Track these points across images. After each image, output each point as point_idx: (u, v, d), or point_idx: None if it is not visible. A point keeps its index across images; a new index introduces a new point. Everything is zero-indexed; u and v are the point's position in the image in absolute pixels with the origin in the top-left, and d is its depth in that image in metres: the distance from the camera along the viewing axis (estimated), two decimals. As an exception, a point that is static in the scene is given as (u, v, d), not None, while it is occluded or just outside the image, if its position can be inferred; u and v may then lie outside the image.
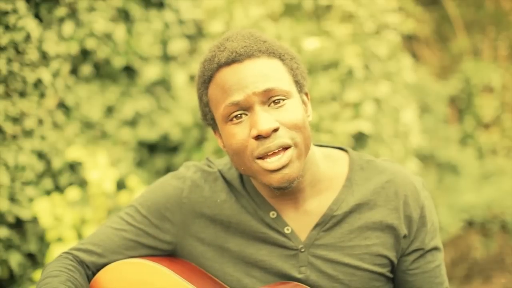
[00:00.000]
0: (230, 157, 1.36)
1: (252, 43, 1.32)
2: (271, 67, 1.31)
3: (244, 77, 1.28)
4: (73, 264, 1.44)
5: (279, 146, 1.28)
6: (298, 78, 1.36)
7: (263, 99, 1.28)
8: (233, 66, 1.30)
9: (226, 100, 1.29)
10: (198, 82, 1.38)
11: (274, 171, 1.29)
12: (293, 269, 1.40)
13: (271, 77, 1.29)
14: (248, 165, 1.32)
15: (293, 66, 1.36)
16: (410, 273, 1.43)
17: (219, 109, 1.32)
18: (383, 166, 1.44)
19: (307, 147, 1.33)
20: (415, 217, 1.40)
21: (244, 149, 1.30)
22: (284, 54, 1.35)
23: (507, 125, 5.08)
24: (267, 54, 1.32)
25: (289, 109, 1.30)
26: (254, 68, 1.29)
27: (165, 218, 1.46)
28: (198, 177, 1.47)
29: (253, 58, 1.30)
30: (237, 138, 1.30)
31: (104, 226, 1.50)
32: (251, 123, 1.29)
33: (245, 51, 1.30)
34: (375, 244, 1.40)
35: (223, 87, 1.30)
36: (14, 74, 2.53)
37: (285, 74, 1.33)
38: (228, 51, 1.30)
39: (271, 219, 1.41)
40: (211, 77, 1.33)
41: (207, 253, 1.44)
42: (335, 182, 1.43)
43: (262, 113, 1.28)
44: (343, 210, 1.40)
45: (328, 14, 3.12)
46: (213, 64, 1.32)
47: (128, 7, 3.07)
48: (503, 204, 4.32)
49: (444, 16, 5.59)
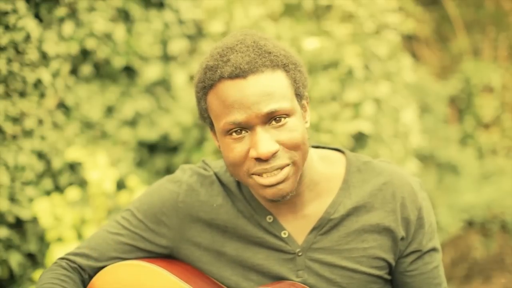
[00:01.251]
0: (226, 165, 1.35)
1: (256, 56, 1.28)
2: (275, 83, 1.28)
3: (247, 96, 1.25)
4: (66, 274, 1.44)
5: (276, 168, 1.27)
6: (300, 90, 1.34)
7: (264, 120, 1.27)
8: (236, 82, 1.26)
9: (227, 117, 1.27)
10: (197, 86, 1.34)
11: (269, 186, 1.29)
12: (290, 273, 1.39)
13: (274, 96, 1.26)
14: (243, 178, 1.32)
15: (296, 76, 1.33)
16: (408, 275, 1.43)
17: (219, 122, 1.30)
18: (380, 168, 1.43)
19: (304, 160, 1.33)
20: (413, 219, 1.40)
21: (241, 165, 1.29)
22: (288, 64, 1.31)
23: (507, 125, 5.08)
24: (271, 68, 1.28)
25: (290, 128, 1.28)
26: (258, 86, 1.26)
27: (161, 222, 1.45)
28: (194, 181, 1.46)
29: (257, 74, 1.27)
30: (235, 154, 1.29)
31: (101, 230, 1.50)
32: (251, 142, 1.28)
33: (249, 67, 1.26)
34: (372, 247, 1.39)
35: (225, 102, 1.27)
36: (14, 74, 2.53)
37: (288, 88, 1.30)
38: (232, 65, 1.26)
39: (267, 223, 1.41)
40: (212, 85, 1.30)
41: (204, 257, 1.44)
42: (332, 185, 1.42)
43: (263, 135, 1.26)
44: (340, 213, 1.39)
45: (328, 14, 3.12)
46: (216, 75, 1.28)
47: (128, 7, 3.07)
48: (503, 204, 4.31)
49: (444, 16, 5.59)
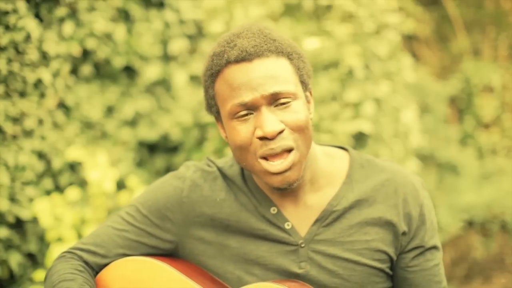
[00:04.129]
0: (233, 151, 1.38)
1: (262, 42, 1.33)
2: (279, 67, 1.33)
3: (253, 78, 1.30)
4: (82, 265, 1.47)
5: (283, 149, 1.31)
6: (304, 78, 1.39)
7: (270, 101, 1.31)
8: (242, 65, 1.31)
9: (234, 100, 1.31)
10: (205, 74, 1.39)
11: (276, 173, 1.32)
12: (293, 265, 1.41)
13: (279, 79, 1.31)
14: (250, 162, 1.35)
15: (300, 65, 1.38)
16: (409, 270, 1.45)
17: (225, 106, 1.34)
18: (383, 165, 1.48)
19: (308, 147, 1.36)
20: (415, 214, 1.43)
21: (247, 147, 1.33)
22: (292, 53, 1.37)
23: (507, 125, 5.08)
24: (276, 54, 1.34)
25: (294, 110, 1.33)
26: (263, 69, 1.31)
27: (165, 217, 1.48)
28: (197, 177, 1.49)
29: (262, 58, 1.32)
30: (242, 135, 1.33)
31: (105, 226, 1.51)
32: (256, 122, 1.32)
33: (255, 51, 1.31)
34: (374, 240, 1.42)
35: (231, 85, 1.32)
36: (14, 74, 2.53)
37: (292, 74, 1.35)
38: (238, 49, 1.32)
39: (271, 215, 1.43)
40: (219, 71, 1.35)
41: (208, 251, 1.46)
42: (335, 179, 1.45)
43: (268, 115, 1.30)
44: (342, 206, 1.42)
45: (328, 14, 3.12)
46: (222, 60, 1.33)
47: (128, 7, 3.07)
48: (503, 204, 4.32)
49: (444, 16, 5.59)
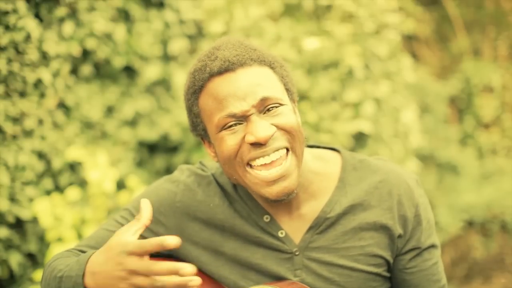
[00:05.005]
0: (222, 167, 1.35)
1: (243, 51, 1.30)
2: (263, 75, 1.30)
3: (238, 88, 1.27)
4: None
5: (275, 149, 1.28)
6: (289, 86, 1.36)
7: (259, 109, 1.28)
8: (226, 76, 1.28)
9: (221, 112, 1.28)
10: (187, 92, 1.35)
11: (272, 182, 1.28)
12: (288, 273, 1.40)
13: (265, 86, 1.28)
14: (241, 174, 1.31)
15: (283, 74, 1.35)
16: (407, 272, 1.43)
17: (213, 120, 1.30)
18: (376, 166, 1.44)
19: (302, 152, 1.33)
20: (410, 216, 1.40)
21: (235, 155, 1.29)
22: (274, 62, 1.34)
23: (507, 125, 5.08)
24: (258, 63, 1.31)
25: (284, 113, 1.30)
26: (248, 77, 1.28)
27: (159, 221, 1.46)
28: (191, 181, 1.47)
29: (245, 67, 1.29)
30: (229, 145, 1.29)
31: (100, 228, 1.51)
32: (245, 130, 1.28)
33: (238, 60, 1.28)
34: (369, 245, 1.39)
35: (217, 98, 1.28)
36: (14, 74, 2.53)
37: (277, 82, 1.32)
38: (220, 60, 1.28)
39: (265, 223, 1.41)
40: (202, 86, 1.31)
41: (202, 256, 1.44)
42: (327, 183, 1.42)
43: (259, 121, 1.27)
44: (336, 212, 1.40)
45: (328, 14, 3.12)
46: (205, 74, 1.30)
47: (128, 7, 3.07)
48: (503, 204, 4.31)
49: (444, 16, 5.59)
